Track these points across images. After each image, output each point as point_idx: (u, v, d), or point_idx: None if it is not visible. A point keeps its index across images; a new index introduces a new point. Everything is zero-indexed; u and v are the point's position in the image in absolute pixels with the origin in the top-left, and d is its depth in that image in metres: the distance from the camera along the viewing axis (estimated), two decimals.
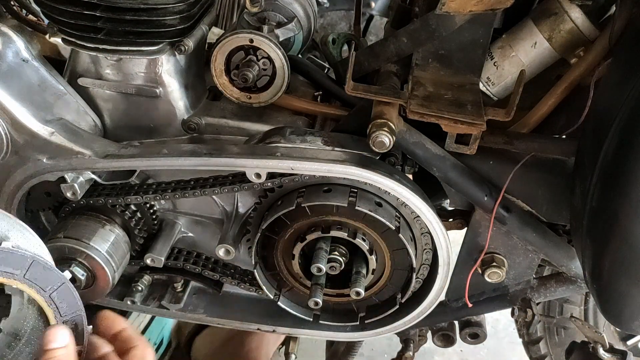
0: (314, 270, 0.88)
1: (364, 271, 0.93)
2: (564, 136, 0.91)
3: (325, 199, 0.88)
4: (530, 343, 1.44)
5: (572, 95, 0.87)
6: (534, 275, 1.02)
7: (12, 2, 0.96)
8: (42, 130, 0.91)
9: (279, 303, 1.01)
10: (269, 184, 0.89)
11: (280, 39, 0.99)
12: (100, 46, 0.88)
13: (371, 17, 1.63)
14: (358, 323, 1.02)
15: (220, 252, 0.96)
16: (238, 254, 1.00)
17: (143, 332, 1.50)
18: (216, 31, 1.11)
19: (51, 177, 0.92)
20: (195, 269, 1.04)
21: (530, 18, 0.86)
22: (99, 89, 0.95)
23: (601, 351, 1.01)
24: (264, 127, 0.96)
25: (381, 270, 0.96)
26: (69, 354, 0.67)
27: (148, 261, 0.99)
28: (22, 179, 0.92)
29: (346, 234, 0.90)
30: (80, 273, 0.94)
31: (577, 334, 1.33)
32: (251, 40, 0.91)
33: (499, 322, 1.98)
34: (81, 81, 0.95)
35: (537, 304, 1.05)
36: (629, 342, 1.39)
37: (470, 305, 1.02)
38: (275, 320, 1.08)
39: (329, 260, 0.91)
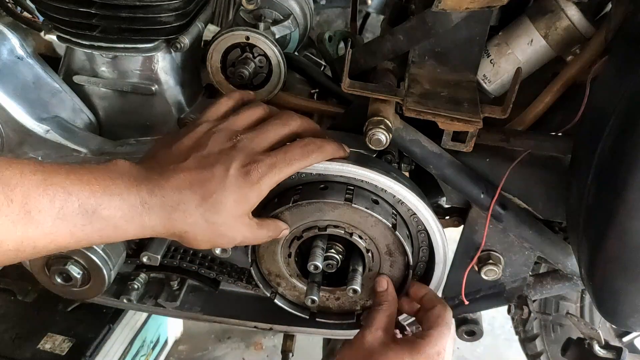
0: (310, 268, 0.88)
1: (361, 269, 0.93)
2: (560, 134, 0.91)
3: (321, 196, 0.88)
4: (526, 340, 1.44)
5: (569, 93, 0.87)
6: (530, 273, 1.03)
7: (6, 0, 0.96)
8: (37, 128, 0.90)
9: (275, 301, 1.01)
10: None
11: (277, 37, 0.99)
12: (96, 43, 0.88)
13: (368, 14, 1.63)
14: (355, 321, 1.02)
15: (217, 250, 0.96)
16: (234, 252, 1.00)
17: (139, 330, 1.50)
18: (212, 28, 1.10)
19: None
20: (191, 267, 1.04)
21: (527, 15, 0.86)
22: (95, 87, 0.95)
23: (597, 348, 1.01)
24: None
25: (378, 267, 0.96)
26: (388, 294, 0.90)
27: (144, 259, 0.99)
28: None
29: (343, 232, 0.90)
30: (76, 272, 0.94)
31: (573, 330, 1.34)
32: (247, 38, 0.91)
33: (496, 319, 1.99)
34: (76, 79, 0.95)
35: (534, 301, 1.05)
36: (625, 339, 1.40)
37: (466, 302, 1.02)
38: (272, 318, 1.08)
39: (326, 258, 0.91)
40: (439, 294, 1.02)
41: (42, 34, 0.92)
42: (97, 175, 0.66)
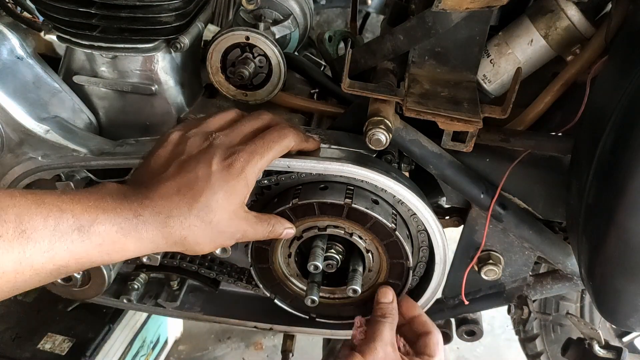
0: (310, 268, 0.88)
1: (361, 269, 0.93)
2: (560, 134, 0.91)
3: (321, 196, 0.87)
4: (526, 340, 1.44)
5: (568, 93, 0.87)
6: (530, 273, 1.02)
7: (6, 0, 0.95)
8: (37, 128, 0.90)
9: (275, 301, 1.01)
10: (265, 181, 0.89)
11: (277, 37, 0.99)
12: (96, 43, 0.88)
13: (368, 14, 1.63)
14: None
15: (217, 250, 0.96)
16: (234, 252, 1.00)
17: (139, 330, 1.50)
18: (212, 28, 1.11)
19: (46, 175, 0.91)
20: (191, 267, 1.04)
21: (527, 15, 0.86)
22: (94, 87, 0.95)
23: (597, 348, 1.01)
24: None
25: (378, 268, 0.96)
26: (394, 307, 0.91)
27: (144, 259, 0.99)
28: (17, 177, 0.92)
29: (343, 232, 0.90)
30: None
31: (573, 330, 1.33)
32: (247, 38, 0.91)
33: (495, 319, 1.99)
34: (76, 79, 0.95)
35: (534, 301, 1.05)
36: (625, 339, 1.40)
37: (466, 302, 1.02)
38: (273, 318, 1.08)
39: (326, 258, 0.91)
40: (439, 294, 1.02)
41: (42, 34, 0.92)
42: (88, 195, 0.67)
